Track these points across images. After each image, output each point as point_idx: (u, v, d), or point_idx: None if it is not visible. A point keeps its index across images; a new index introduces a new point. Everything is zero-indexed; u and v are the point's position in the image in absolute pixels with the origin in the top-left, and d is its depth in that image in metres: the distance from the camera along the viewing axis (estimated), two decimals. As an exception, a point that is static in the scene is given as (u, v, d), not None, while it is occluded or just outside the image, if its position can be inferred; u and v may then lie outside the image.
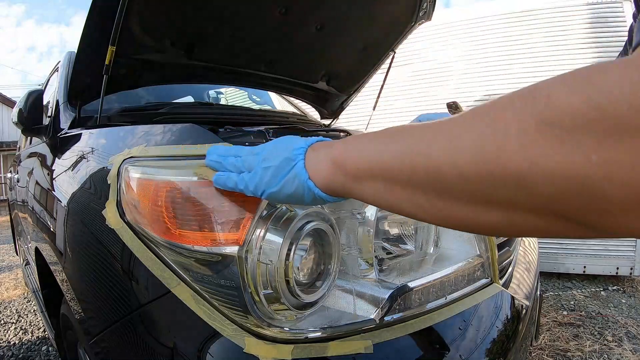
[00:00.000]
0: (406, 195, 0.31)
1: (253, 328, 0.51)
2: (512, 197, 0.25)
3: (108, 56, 0.93)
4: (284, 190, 0.42)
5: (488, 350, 0.63)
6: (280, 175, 0.42)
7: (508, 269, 0.90)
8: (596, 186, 0.20)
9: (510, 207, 0.25)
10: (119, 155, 0.63)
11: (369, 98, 2.07)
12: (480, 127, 0.25)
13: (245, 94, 2.36)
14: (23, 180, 1.62)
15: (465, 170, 0.26)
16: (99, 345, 0.65)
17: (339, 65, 1.68)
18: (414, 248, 0.72)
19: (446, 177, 0.27)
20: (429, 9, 1.49)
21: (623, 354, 1.70)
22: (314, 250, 0.55)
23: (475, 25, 2.87)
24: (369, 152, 0.34)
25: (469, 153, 0.26)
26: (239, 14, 1.21)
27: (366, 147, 0.35)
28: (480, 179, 0.25)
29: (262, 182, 0.43)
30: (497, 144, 0.24)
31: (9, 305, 2.62)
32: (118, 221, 0.59)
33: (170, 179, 0.54)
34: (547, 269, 2.72)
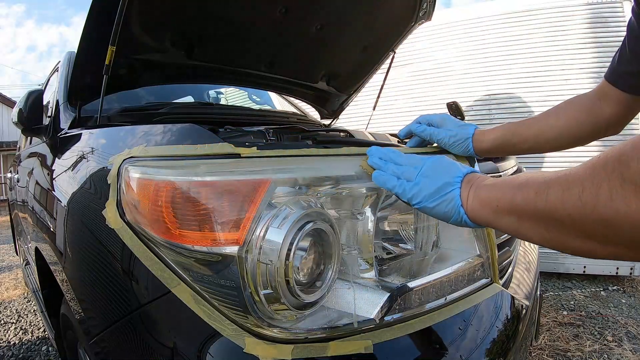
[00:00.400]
0: (532, 228, 0.42)
1: (253, 328, 0.51)
2: (603, 233, 0.34)
3: (108, 56, 0.93)
4: (438, 207, 0.51)
5: (488, 350, 0.63)
6: (439, 195, 0.51)
7: (508, 269, 0.90)
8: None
9: (604, 240, 0.35)
10: (119, 155, 0.63)
11: (369, 98, 2.07)
12: (583, 181, 0.35)
13: (245, 94, 2.36)
14: (23, 180, 1.62)
15: (572, 213, 0.36)
16: (99, 345, 0.65)
17: (339, 65, 1.68)
18: (414, 248, 0.72)
19: (559, 216, 0.37)
20: (429, 9, 1.49)
21: (623, 354, 1.70)
22: (314, 250, 0.55)
23: (475, 25, 2.87)
24: (507, 196, 0.44)
25: (574, 200, 0.35)
26: (239, 14, 1.21)
27: (505, 192, 0.45)
28: (582, 220, 0.35)
29: (420, 194, 0.52)
30: (594, 195, 0.34)
31: (9, 305, 2.62)
32: (118, 221, 0.59)
33: (170, 179, 0.54)
34: (547, 269, 2.72)
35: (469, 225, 0.50)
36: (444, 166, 0.54)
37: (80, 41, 1.01)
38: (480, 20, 2.86)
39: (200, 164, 0.55)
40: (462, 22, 2.91)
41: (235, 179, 0.52)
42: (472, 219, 0.49)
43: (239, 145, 0.57)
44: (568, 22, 2.62)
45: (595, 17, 2.57)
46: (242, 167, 0.54)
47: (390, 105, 3.09)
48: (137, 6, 0.96)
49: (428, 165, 0.54)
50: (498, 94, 2.80)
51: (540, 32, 2.67)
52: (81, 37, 1.00)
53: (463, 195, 0.50)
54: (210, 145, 0.57)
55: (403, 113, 3.05)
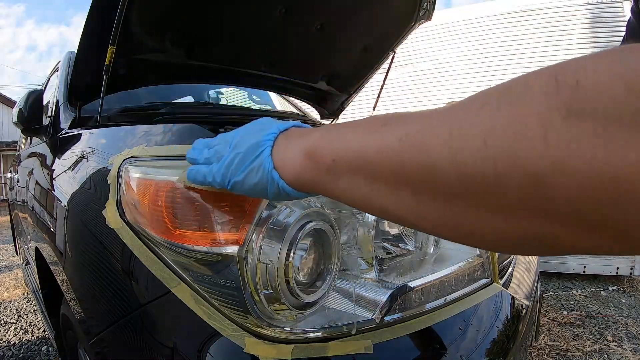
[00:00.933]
0: (391, 195, 0.26)
1: (253, 328, 0.51)
2: (527, 203, 0.20)
3: (108, 56, 0.93)
4: (247, 180, 0.37)
5: (488, 350, 0.63)
6: (246, 163, 0.37)
7: (508, 269, 0.90)
8: (638, 192, 0.16)
9: (525, 214, 0.20)
10: (119, 155, 0.63)
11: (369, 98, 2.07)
12: (489, 116, 0.21)
13: (245, 94, 2.36)
14: (23, 180, 1.62)
15: (469, 169, 0.21)
16: (99, 345, 0.65)
17: (339, 65, 1.68)
18: (414, 248, 0.72)
19: (443, 175, 0.22)
20: (429, 9, 1.49)
21: (623, 354, 1.70)
22: (314, 250, 0.55)
23: (475, 25, 2.87)
24: (350, 142, 0.29)
25: (473, 148, 0.21)
26: (239, 14, 1.21)
27: (347, 136, 0.30)
28: (486, 179, 0.21)
29: (228, 171, 0.39)
30: (511, 139, 0.19)
31: (9, 305, 2.62)
32: (118, 221, 0.60)
33: (170, 179, 0.54)
34: (547, 269, 2.72)
35: (294, 196, 0.36)
36: (259, 128, 0.39)
37: (80, 41, 1.01)
38: (480, 20, 2.86)
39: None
40: (462, 22, 2.91)
41: (235, 179, 0.52)
42: (294, 184, 0.35)
43: (239, 145, 0.57)
44: (568, 22, 2.61)
45: (595, 17, 2.57)
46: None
47: (390, 105, 3.09)
48: (137, 6, 0.96)
49: (241, 133, 0.40)
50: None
51: (540, 32, 2.67)
52: (81, 37, 1.00)
53: (278, 154, 0.36)
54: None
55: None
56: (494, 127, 0.20)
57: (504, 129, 0.20)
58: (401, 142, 0.25)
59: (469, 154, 0.21)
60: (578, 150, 0.17)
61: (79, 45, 1.02)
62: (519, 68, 2.73)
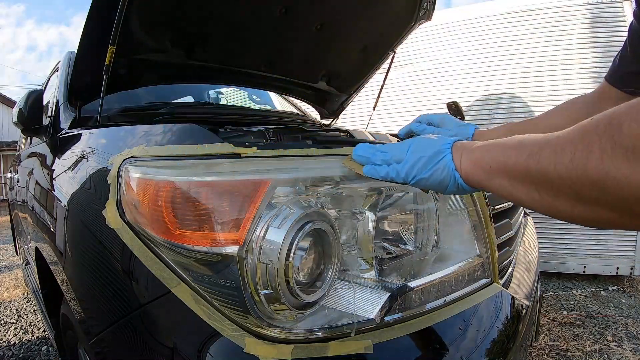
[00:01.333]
0: (524, 190, 0.42)
1: (253, 328, 0.51)
2: (593, 196, 0.34)
3: (108, 56, 0.93)
4: (433, 176, 0.50)
5: (488, 350, 0.63)
6: (432, 164, 0.50)
7: (508, 269, 0.90)
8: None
9: (593, 203, 0.35)
10: (119, 155, 0.63)
11: (369, 98, 2.07)
12: (575, 143, 0.35)
13: (245, 94, 2.36)
14: (23, 180, 1.62)
15: (563, 174, 0.36)
16: (99, 345, 0.65)
17: (339, 65, 1.68)
18: (414, 248, 0.72)
19: (550, 177, 0.38)
20: (429, 9, 1.49)
21: (623, 354, 1.70)
22: (314, 250, 0.55)
23: (475, 25, 2.87)
24: (499, 157, 0.45)
25: (566, 162, 0.35)
26: (239, 14, 1.21)
27: (497, 153, 0.45)
28: (572, 181, 0.35)
29: (413, 169, 0.52)
30: (585, 157, 0.34)
31: (9, 305, 2.62)
32: (118, 221, 0.59)
33: (170, 179, 0.54)
34: (547, 269, 2.72)
35: (465, 190, 0.50)
36: (430, 140, 0.54)
37: (80, 41, 1.01)
38: (480, 20, 2.85)
39: (200, 164, 0.55)
40: (462, 22, 2.91)
41: (235, 179, 0.52)
42: (467, 182, 0.49)
43: (239, 145, 0.57)
44: (568, 22, 2.61)
45: (595, 17, 2.57)
46: (242, 167, 0.54)
47: (390, 105, 3.09)
48: (137, 6, 0.96)
49: (415, 143, 0.54)
50: (498, 94, 2.80)
51: (540, 32, 2.67)
52: (81, 37, 1.00)
53: (455, 160, 0.50)
54: (210, 145, 0.57)
55: (403, 113, 3.05)
56: (577, 149, 0.35)
57: (582, 152, 0.34)
58: (526, 156, 0.40)
59: (563, 165, 0.36)
60: (618, 167, 0.31)
61: (79, 45, 1.02)
62: (519, 68, 2.73)
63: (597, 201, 0.35)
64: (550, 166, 0.37)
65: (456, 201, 0.76)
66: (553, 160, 0.37)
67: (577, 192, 0.36)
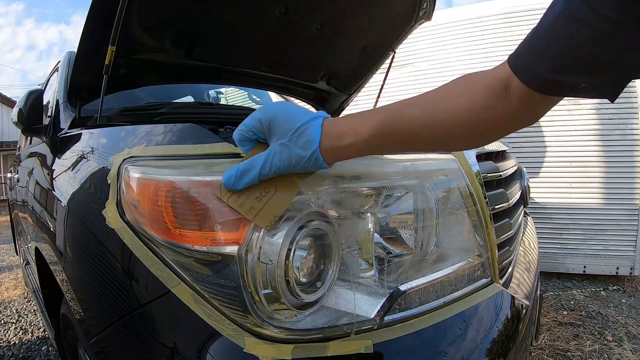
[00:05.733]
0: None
1: (253, 328, 0.51)
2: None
3: (108, 56, 0.93)
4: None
5: (488, 350, 0.63)
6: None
7: (508, 269, 0.90)
8: None
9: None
10: (119, 155, 0.63)
11: (369, 98, 2.07)
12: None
13: (245, 94, 2.36)
14: (23, 180, 1.62)
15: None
16: (99, 345, 0.65)
17: (339, 65, 1.68)
18: (414, 248, 0.72)
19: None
20: (429, 9, 1.49)
21: (623, 354, 1.70)
22: (314, 250, 0.55)
23: (475, 25, 2.87)
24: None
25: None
26: (239, 14, 1.21)
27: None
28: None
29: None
30: None
31: (9, 305, 2.62)
32: (118, 221, 0.59)
33: (170, 179, 0.54)
34: (547, 269, 2.72)
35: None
36: None
37: (80, 41, 1.01)
38: (480, 20, 2.86)
39: (200, 164, 0.55)
40: (462, 22, 2.91)
41: (235, 178, 0.52)
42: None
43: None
44: (568, 22, 2.61)
45: (595, 17, 2.57)
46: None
47: (390, 105, 3.09)
48: (137, 6, 0.96)
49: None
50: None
51: (540, 32, 2.67)
52: (81, 37, 1.00)
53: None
54: (210, 145, 0.57)
55: (403, 113, 3.05)
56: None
57: None
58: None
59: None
60: None
61: (79, 45, 1.02)
62: (519, 68, 2.72)
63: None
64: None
65: (456, 201, 0.76)
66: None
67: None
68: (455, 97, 0.46)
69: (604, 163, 2.60)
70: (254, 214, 0.49)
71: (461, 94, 0.46)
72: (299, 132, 0.48)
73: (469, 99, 0.46)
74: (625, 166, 2.57)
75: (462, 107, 0.46)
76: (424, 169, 0.71)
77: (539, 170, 2.73)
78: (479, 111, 0.45)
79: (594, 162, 2.62)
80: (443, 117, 0.46)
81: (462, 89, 0.47)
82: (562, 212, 2.70)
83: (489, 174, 0.90)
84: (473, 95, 0.46)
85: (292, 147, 0.48)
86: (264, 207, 0.49)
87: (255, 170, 0.48)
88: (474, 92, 0.46)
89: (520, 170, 1.34)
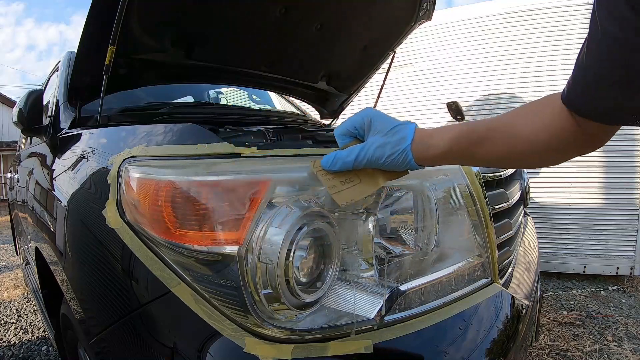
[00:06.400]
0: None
1: (253, 328, 0.51)
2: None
3: (108, 56, 0.93)
4: None
5: (488, 350, 0.63)
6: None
7: (508, 269, 0.90)
8: None
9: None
10: (119, 155, 0.63)
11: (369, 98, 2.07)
12: None
13: (245, 94, 2.36)
14: (23, 180, 1.62)
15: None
16: (99, 345, 0.65)
17: (339, 65, 1.68)
18: (414, 248, 0.72)
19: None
20: (429, 9, 1.49)
21: (623, 354, 1.70)
22: (314, 250, 0.55)
23: (475, 25, 2.87)
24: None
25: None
26: (239, 14, 1.21)
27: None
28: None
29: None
30: None
31: (9, 305, 2.62)
32: (118, 221, 0.59)
33: (170, 179, 0.54)
34: (547, 269, 2.72)
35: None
36: None
37: (80, 41, 1.01)
38: (480, 20, 2.85)
39: (200, 164, 0.55)
40: (462, 22, 2.91)
41: (235, 178, 0.52)
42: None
43: (239, 145, 0.57)
44: (568, 22, 2.61)
45: (595, 17, 2.57)
46: (242, 167, 0.55)
47: (390, 105, 3.09)
48: (137, 6, 0.96)
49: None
50: (498, 94, 2.80)
51: (540, 32, 2.67)
52: (81, 37, 1.00)
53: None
54: (210, 145, 0.57)
55: (403, 113, 3.05)
56: None
57: None
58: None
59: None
60: None
61: (79, 45, 1.02)
62: (519, 68, 2.73)
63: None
64: None
65: (456, 201, 0.76)
66: None
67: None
68: (527, 119, 0.49)
69: (604, 163, 2.60)
70: (335, 191, 0.54)
71: (534, 118, 0.48)
72: (395, 129, 0.54)
73: (542, 124, 0.48)
74: (625, 166, 2.57)
75: (534, 131, 0.48)
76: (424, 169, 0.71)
77: (539, 170, 2.73)
78: (551, 136, 0.47)
79: (594, 162, 2.61)
80: (516, 139, 0.49)
81: (540, 112, 0.48)
82: (562, 212, 2.70)
83: (489, 174, 0.90)
84: (546, 122, 0.47)
85: (388, 140, 0.54)
86: (345, 190, 0.55)
87: (351, 157, 0.54)
88: (548, 119, 0.47)
89: (520, 170, 1.34)
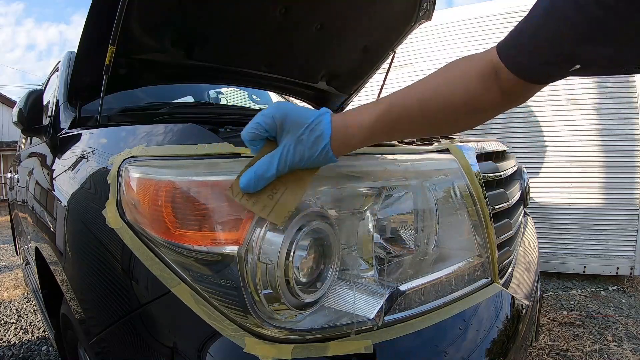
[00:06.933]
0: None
1: (253, 328, 0.51)
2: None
3: (108, 56, 0.93)
4: None
5: (488, 350, 0.63)
6: None
7: (508, 269, 0.90)
8: None
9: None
10: (119, 155, 0.63)
11: (369, 98, 2.07)
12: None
13: (245, 94, 2.36)
14: (23, 180, 1.62)
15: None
16: (99, 345, 0.65)
17: (339, 65, 1.68)
18: (414, 248, 0.72)
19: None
20: (429, 9, 1.49)
21: (623, 354, 1.70)
22: (314, 250, 0.55)
23: (475, 25, 2.87)
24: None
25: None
26: (239, 14, 1.21)
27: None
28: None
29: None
30: None
31: (9, 305, 2.62)
32: (118, 221, 0.59)
33: (170, 179, 0.54)
34: (547, 269, 2.72)
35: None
36: None
37: (80, 41, 1.01)
38: (480, 20, 2.85)
39: (200, 164, 0.55)
40: (462, 22, 2.91)
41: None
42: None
43: (239, 145, 0.57)
44: (568, 22, 2.61)
45: (595, 17, 2.57)
46: (242, 167, 0.54)
47: (390, 105, 3.09)
48: (137, 6, 0.96)
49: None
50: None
51: (540, 32, 2.67)
52: (81, 37, 1.00)
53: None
54: (210, 145, 0.57)
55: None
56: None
57: None
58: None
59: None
60: None
61: (79, 45, 1.02)
62: (519, 68, 2.72)
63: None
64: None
65: (456, 201, 0.76)
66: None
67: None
68: (450, 85, 0.49)
69: (604, 163, 2.60)
70: (267, 212, 0.49)
71: (455, 82, 0.49)
72: (311, 127, 0.50)
73: (463, 86, 0.49)
74: (625, 166, 2.57)
75: (457, 94, 0.49)
76: (424, 169, 0.71)
77: (539, 170, 2.73)
78: (473, 97, 0.48)
79: (594, 162, 2.62)
80: (440, 105, 0.50)
81: (457, 76, 0.49)
82: (562, 212, 2.70)
83: (489, 174, 0.90)
84: (467, 83, 0.48)
85: (306, 141, 0.50)
86: (277, 204, 0.49)
87: (272, 171, 0.49)
88: (468, 80, 0.49)
89: (520, 170, 1.34)
